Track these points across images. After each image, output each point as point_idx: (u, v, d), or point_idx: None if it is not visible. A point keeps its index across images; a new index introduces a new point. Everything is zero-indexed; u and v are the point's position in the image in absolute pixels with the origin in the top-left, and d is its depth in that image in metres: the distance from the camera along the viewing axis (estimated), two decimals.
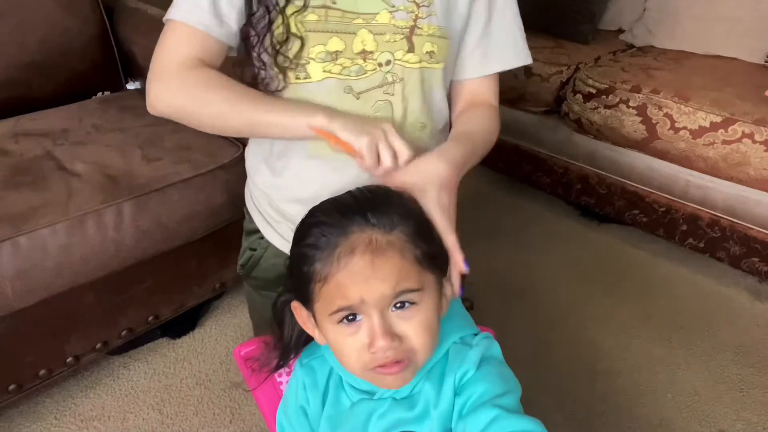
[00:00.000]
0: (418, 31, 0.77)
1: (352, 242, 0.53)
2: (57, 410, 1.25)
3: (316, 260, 0.54)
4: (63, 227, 1.04)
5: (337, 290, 0.53)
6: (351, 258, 0.52)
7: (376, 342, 0.52)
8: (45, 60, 1.46)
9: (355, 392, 0.62)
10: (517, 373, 0.62)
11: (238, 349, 0.75)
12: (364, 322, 0.54)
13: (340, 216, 0.55)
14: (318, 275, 0.54)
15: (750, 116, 1.45)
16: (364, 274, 0.52)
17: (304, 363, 0.66)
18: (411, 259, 0.54)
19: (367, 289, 0.52)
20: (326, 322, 0.56)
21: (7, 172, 1.14)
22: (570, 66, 1.82)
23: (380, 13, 0.75)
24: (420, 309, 0.55)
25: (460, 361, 0.58)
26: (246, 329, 1.47)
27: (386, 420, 0.59)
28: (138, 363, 1.37)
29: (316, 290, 0.55)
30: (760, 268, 1.55)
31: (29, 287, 1.02)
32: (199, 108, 0.75)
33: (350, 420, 0.62)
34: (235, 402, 1.27)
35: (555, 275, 1.67)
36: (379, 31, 0.75)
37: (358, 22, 0.74)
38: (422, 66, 0.79)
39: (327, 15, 0.73)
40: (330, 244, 0.53)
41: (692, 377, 1.34)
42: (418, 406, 0.58)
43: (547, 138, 1.91)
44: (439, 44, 0.79)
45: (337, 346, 0.57)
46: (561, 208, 1.98)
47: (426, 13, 0.77)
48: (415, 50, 0.77)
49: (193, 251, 1.28)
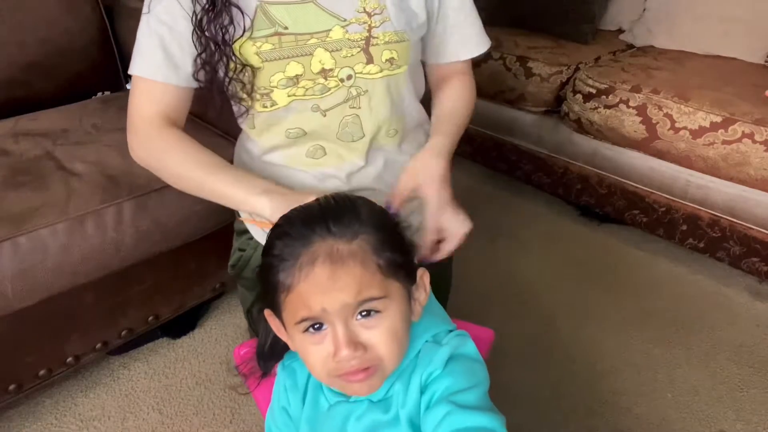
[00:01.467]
0: (374, 41, 0.77)
1: (313, 252, 0.52)
2: (57, 410, 1.25)
3: (280, 270, 0.54)
4: (63, 227, 1.04)
5: (300, 301, 0.53)
6: (312, 268, 0.52)
7: (340, 352, 0.52)
8: (45, 60, 1.46)
9: (332, 394, 0.62)
10: (516, 373, 0.62)
11: (238, 348, 0.75)
12: (328, 332, 0.53)
13: (303, 226, 0.54)
14: (282, 285, 0.54)
15: (750, 116, 1.45)
16: (324, 285, 0.52)
17: (286, 365, 0.67)
18: (373, 269, 0.54)
19: (328, 299, 0.52)
20: (293, 331, 0.56)
21: (7, 172, 1.14)
22: (570, 66, 1.82)
23: (333, 29, 0.75)
24: (385, 317, 0.54)
25: (429, 360, 0.58)
26: (246, 329, 1.47)
27: (363, 423, 0.59)
28: (138, 363, 1.37)
29: (282, 300, 0.55)
30: (760, 268, 1.55)
31: (29, 287, 1.02)
32: (160, 168, 0.81)
33: (328, 422, 0.62)
34: (235, 402, 1.27)
35: (555, 275, 1.67)
36: (334, 47, 0.76)
37: (313, 42, 0.75)
38: (385, 75, 0.79)
39: (281, 42, 0.74)
40: (293, 254, 0.53)
41: (692, 377, 1.34)
42: (392, 409, 0.58)
43: (547, 138, 1.91)
44: (398, 49, 0.79)
45: (304, 354, 0.56)
46: (561, 208, 1.98)
47: (379, 21, 0.76)
48: (375, 61, 0.78)
49: (193, 251, 1.28)
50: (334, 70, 0.77)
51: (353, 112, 0.80)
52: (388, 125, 0.83)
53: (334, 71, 0.77)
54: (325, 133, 0.81)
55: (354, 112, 0.80)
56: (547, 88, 1.84)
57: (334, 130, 0.80)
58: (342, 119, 0.80)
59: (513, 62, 1.90)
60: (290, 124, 0.80)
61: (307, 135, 0.81)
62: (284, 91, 0.77)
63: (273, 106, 0.78)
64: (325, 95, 0.78)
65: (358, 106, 0.80)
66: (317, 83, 0.77)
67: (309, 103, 0.78)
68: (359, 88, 0.79)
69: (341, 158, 0.82)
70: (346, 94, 0.79)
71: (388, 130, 0.84)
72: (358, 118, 0.80)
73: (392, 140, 0.85)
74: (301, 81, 0.76)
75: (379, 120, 0.81)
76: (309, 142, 0.82)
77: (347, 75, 0.77)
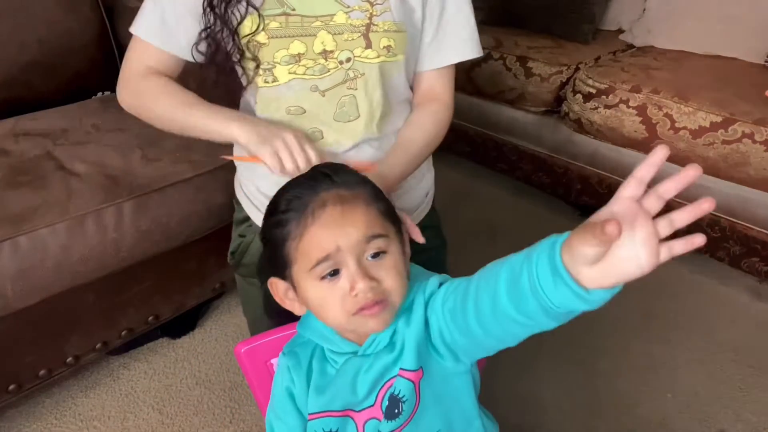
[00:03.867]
0: (374, 28, 0.81)
1: (322, 198, 0.59)
2: (57, 410, 1.25)
3: (290, 221, 0.59)
4: (63, 227, 1.04)
5: (313, 242, 0.58)
6: (323, 210, 0.58)
7: (357, 284, 0.57)
8: (45, 60, 1.46)
9: (339, 357, 0.65)
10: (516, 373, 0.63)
11: (238, 346, 0.75)
12: (343, 274, 0.58)
13: (308, 180, 0.62)
14: (293, 234, 0.59)
15: (750, 116, 1.45)
16: (337, 222, 0.58)
17: (287, 352, 0.69)
18: (374, 211, 0.61)
19: (341, 234, 0.57)
20: (307, 281, 0.60)
21: (7, 172, 1.14)
22: (570, 66, 1.82)
23: (336, 14, 0.80)
24: (389, 256, 0.61)
25: (425, 287, 0.64)
26: (246, 329, 1.47)
27: (373, 372, 0.63)
28: (138, 363, 1.37)
29: (292, 250, 0.60)
30: (760, 268, 1.55)
31: (29, 287, 1.02)
32: (146, 111, 0.87)
33: (337, 383, 0.65)
34: (235, 402, 1.28)
35: None
36: (337, 31, 0.80)
37: (317, 24, 0.80)
38: (381, 60, 0.83)
39: (287, 21, 0.79)
40: (302, 204, 0.59)
41: (692, 377, 1.34)
42: (397, 344, 0.63)
43: (547, 138, 1.91)
44: (396, 38, 0.83)
45: (320, 301, 0.60)
46: (561, 208, 1.98)
47: (380, 10, 0.81)
48: (373, 46, 0.82)
49: (193, 251, 1.28)
50: (334, 52, 0.81)
51: (350, 92, 0.84)
52: (380, 107, 0.86)
53: (335, 53, 0.81)
54: (323, 114, 0.84)
55: (351, 92, 0.84)
56: (547, 88, 1.84)
57: (332, 110, 0.84)
58: (339, 99, 0.84)
59: (513, 62, 1.90)
60: (290, 102, 0.84)
61: (306, 113, 0.84)
62: (286, 68, 0.81)
63: (274, 82, 0.82)
64: (324, 76, 0.82)
65: (354, 87, 0.84)
66: (317, 63, 0.81)
67: (308, 83, 0.82)
68: (356, 70, 0.83)
69: (338, 142, 0.86)
70: (344, 75, 0.83)
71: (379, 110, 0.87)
72: (354, 98, 0.84)
73: (382, 120, 0.88)
74: (302, 60, 0.81)
75: (373, 103, 0.85)
76: (308, 123, 0.85)
77: (346, 57, 0.82)
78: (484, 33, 0.94)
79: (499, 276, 0.50)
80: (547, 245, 0.45)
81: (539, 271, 0.45)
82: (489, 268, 0.53)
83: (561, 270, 0.43)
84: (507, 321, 0.50)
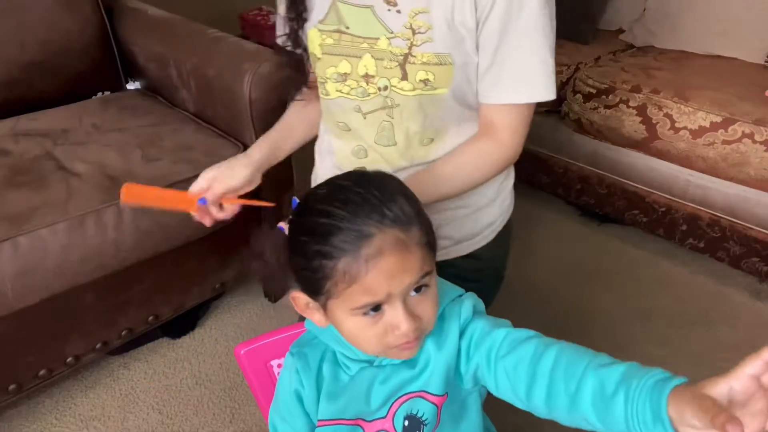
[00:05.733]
0: (411, 59, 0.77)
1: (378, 244, 0.53)
2: (57, 410, 1.25)
3: (337, 261, 0.54)
4: (63, 227, 1.04)
5: (364, 290, 0.54)
6: (380, 259, 0.53)
7: (402, 327, 0.55)
8: (45, 60, 1.46)
9: (353, 364, 0.64)
10: None
11: (238, 347, 0.75)
12: (386, 311, 0.55)
13: (354, 216, 0.54)
14: (341, 276, 0.54)
15: (750, 116, 1.45)
16: (392, 272, 0.53)
17: (295, 352, 0.67)
18: (425, 249, 0.57)
19: (395, 283, 0.54)
20: (344, 314, 0.57)
21: (7, 172, 1.14)
22: (570, 66, 1.82)
23: (380, 38, 0.78)
24: (431, 288, 0.58)
25: (458, 313, 0.62)
26: (246, 329, 1.47)
27: (389, 384, 0.62)
28: (138, 363, 1.37)
29: (338, 289, 0.55)
30: (760, 268, 1.55)
31: (29, 287, 1.02)
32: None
33: (350, 391, 0.63)
34: (235, 402, 1.27)
35: (555, 275, 1.67)
36: (379, 56, 0.79)
37: (364, 46, 0.79)
38: (417, 94, 0.79)
39: (341, 39, 0.80)
40: (354, 244, 0.53)
41: (692, 377, 1.33)
42: (419, 363, 0.62)
43: (547, 138, 1.91)
44: (437, 71, 0.77)
45: (355, 333, 0.58)
46: (561, 208, 1.98)
47: (421, 40, 0.76)
48: (408, 78, 0.78)
49: (193, 251, 1.28)
50: (375, 77, 0.80)
51: (389, 119, 0.83)
52: (422, 135, 0.84)
53: (375, 78, 0.80)
54: (365, 134, 0.86)
55: (389, 120, 0.83)
56: None
57: (373, 132, 0.84)
58: (380, 123, 0.84)
59: None
60: (339, 117, 0.86)
61: (351, 131, 0.87)
62: (334, 85, 0.83)
63: (326, 96, 0.86)
64: (365, 99, 0.82)
65: (392, 116, 0.83)
66: (360, 85, 0.81)
67: (352, 103, 0.83)
68: (393, 100, 0.81)
69: (380, 161, 0.86)
70: (382, 102, 0.82)
71: (423, 139, 0.85)
72: (391, 125, 0.83)
73: (429, 147, 0.85)
74: (348, 80, 0.82)
75: (409, 132, 0.83)
76: (354, 141, 0.87)
77: (384, 85, 0.80)
78: None
79: (585, 382, 0.50)
80: (652, 387, 0.46)
81: (639, 412, 0.46)
82: (568, 356, 0.54)
83: (665, 421, 0.45)
84: (582, 421, 0.51)
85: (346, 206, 0.55)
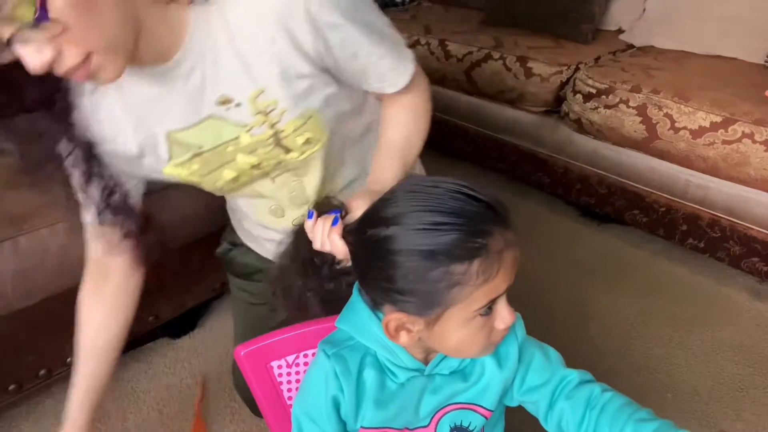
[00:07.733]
0: (282, 135, 0.75)
1: (499, 239, 0.55)
2: (57, 410, 1.25)
3: (470, 264, 0.54)
4: (63, 227, 1.04)
5: (493, 287, 0.55)
6: (507, 253, 0.56)
7: (509, 319, 0.58)
8: None
9: (401, 371, 0.63)
10: None
11: (238, 348, 0.75)
12: (496, 308, 0.58)
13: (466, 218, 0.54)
14: (474, 277, 0.54)
15: (750, 116, 1.45)
16: (513, 264, 0.57)
17: (331, 354, 0.64)
18: None
19: (512, 275, 0.57)
20: (460, 321, 0.56)
21: (7, 172, 1.14)
22: (570, 66, 1.82)
23: (240, 136, 0.74)
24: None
25: (512, 328, 0.65)
26: None
27: (440, 394, 0.63)
28: (138, 363, 1.37)
29: (464, 294, 0.54)
30: (760, 268, 1.55)
31: (29, 287, 1.02)
32: None
33: (400, 399, 0.63)
34: (235, 402, 1.27)
35: (555, 275, 1.67)
36: (251, 149, 0.76)
37: (230, 150, 0.76)
38: (307, 155, 0.78)
39: (204, 158, 0.76)
40: (480, 246, 0.54)
41: (692, 377, 1.34)
42: (473, 376, 0.64)
43: (547, 138, 1.91)
44: (310, 127, 0.75)
45: (469, 336, 0.58)
46: (561, 208, 1.98)
47: (277, 116, 0.73)
48: (292, 149, 0.77)
49: (194, 252, 1.28)
50: (261, 164, 0.78)
51: (297, 179, 0.83)
52: (342, 178, 0.86)
53: (263, 164, 0.78)
54: (279, 197, 0.85)
55: (298, 179, 0.83)
56: (547, 88, 1.84)
57: (286, 194, 0.84)
58: (289, 185, 0.83)
59: (513, 62, 1.89)
60: (247, 191, 0.85)
61: (264, 198, 0.86)
62: (233, 185, 0.81)
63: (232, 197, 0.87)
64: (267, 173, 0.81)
65: (298, 175, 0.82)
66: (254, 174, 0.80)
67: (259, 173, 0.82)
68: (288, 165, 0.80)
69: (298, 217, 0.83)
70: (284, 166, 0.80)
71: (344, 181, 0.87)
72: (302, 184, 0.83)
73: (356, 184, 0.87)
74: (241, 178, 0.80)
75: (326, 179, 0.84)
76: (270, 200, 0.86)
77: (275, 163, 0.78)
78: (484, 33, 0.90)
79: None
80: None
81: None
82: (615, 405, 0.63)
83: None
84: None
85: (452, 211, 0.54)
